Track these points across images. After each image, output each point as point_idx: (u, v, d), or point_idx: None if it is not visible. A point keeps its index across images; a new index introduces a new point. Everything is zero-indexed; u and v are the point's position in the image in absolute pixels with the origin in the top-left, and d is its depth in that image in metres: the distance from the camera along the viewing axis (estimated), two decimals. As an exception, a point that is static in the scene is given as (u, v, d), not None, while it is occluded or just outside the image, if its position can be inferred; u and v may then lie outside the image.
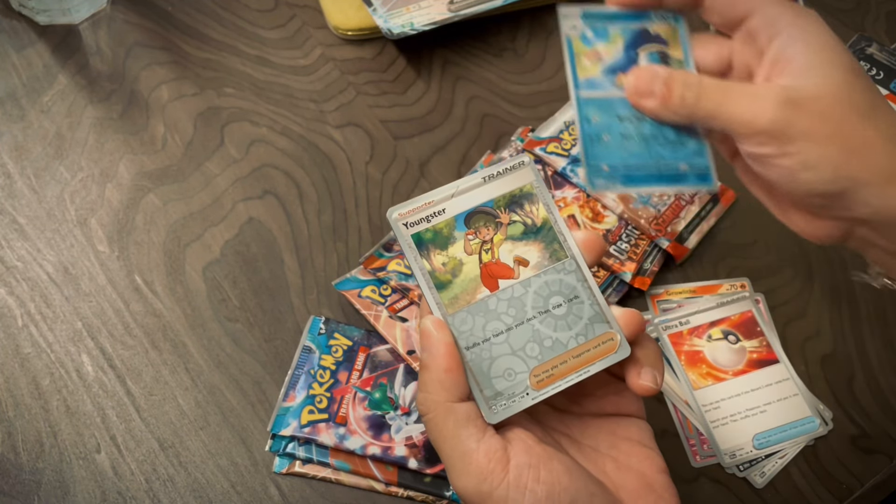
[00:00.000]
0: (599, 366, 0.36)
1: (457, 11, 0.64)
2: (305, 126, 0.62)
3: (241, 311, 0.54)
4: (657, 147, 0.38)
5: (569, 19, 0.39)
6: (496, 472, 0.33)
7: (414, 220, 0.36)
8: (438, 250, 0.36)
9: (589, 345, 0.36)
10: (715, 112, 0.36)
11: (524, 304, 0.36)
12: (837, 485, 0.50)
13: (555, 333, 0.36)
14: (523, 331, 0.36)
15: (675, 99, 0.37)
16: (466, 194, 0.37)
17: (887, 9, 0.72)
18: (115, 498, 0.47)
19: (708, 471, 0.50)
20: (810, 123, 0.34)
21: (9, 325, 0.52)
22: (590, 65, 0.39)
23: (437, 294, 0.36)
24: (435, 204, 0.36)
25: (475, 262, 0.36)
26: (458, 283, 0.36)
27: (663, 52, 0.39)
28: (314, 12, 0.67)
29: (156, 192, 0.58)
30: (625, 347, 0.36)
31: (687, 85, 0.37)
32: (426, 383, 0.35)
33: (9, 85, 0.61)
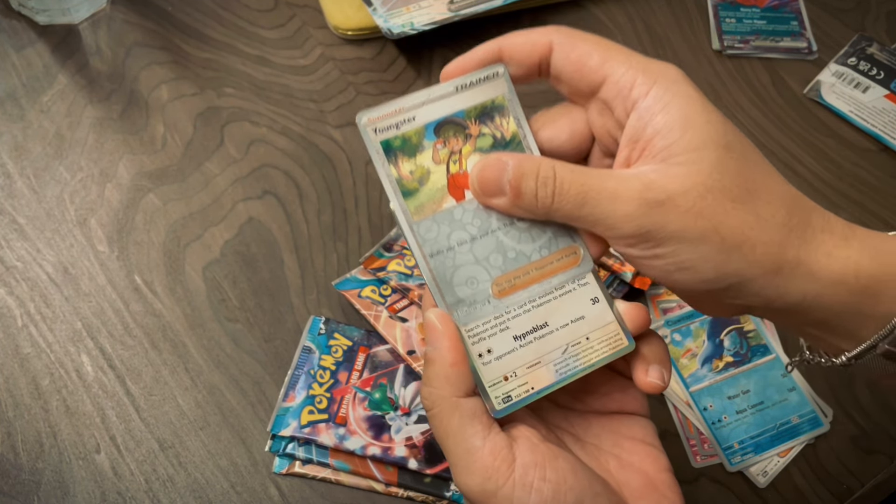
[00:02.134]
0: (604, 360, 0.36)
1: (457, 11, 0.64)
2: (305, 126, 0.62)
3: (240, 311, 0.54)
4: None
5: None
6: (501, 470, 0.32)
7: (383, 127, 0.35)
8: (406, 157, 0.35)
9: (552, 258, 0.36)
10: (574, 212, 0.32)
11: (489, 216, 0.35)
12: (837, 485, 0.50)
13: (518, 245, 0.36)
14: (487, 241, 0.35)
15: (527, 197, 0.33)
16: (437, 103, 0.36)
17: (887, 9, 0.72)
18: (114, 498, 0.47)
19: (708, 471, 0.50)
20: (680, 223, 0.30)
21: (9, 325, 0.52)
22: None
23: (404, 201, 0.35)
24: (405, 111, 0.35)
25: (443, 171, 0.36)
26: (424, 191, 0.35)
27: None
28: (314, 12, 0.67)
29: (156, 192, 0.58)
30: (630, 342, 0.36)
31: (542, 179, 0.32)
32: (431, 378, 0.34)
33: (9, 85, 0.61)
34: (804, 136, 0.64)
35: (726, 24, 0.70)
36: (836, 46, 0.69)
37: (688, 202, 0.30)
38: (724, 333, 0.45)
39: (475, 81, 0.36)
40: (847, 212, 0.61)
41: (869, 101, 0.66)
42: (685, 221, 0.30)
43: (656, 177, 0.30)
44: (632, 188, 0.31)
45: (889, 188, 0.63)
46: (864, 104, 0.66)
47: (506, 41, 0.35)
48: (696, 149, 0.30)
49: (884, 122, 0.65)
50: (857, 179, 0.63)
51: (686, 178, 0.30)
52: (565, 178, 0.32)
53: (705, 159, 0.30)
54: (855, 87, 0.67)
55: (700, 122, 0.31)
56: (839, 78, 0.67)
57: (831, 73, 0.68)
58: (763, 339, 0.54)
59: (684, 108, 0.31)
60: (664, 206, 0.30)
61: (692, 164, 0.30)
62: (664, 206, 0.30)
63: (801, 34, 0.70)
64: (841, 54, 0.69)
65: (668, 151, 0.31)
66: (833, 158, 0.64)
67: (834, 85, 0.67)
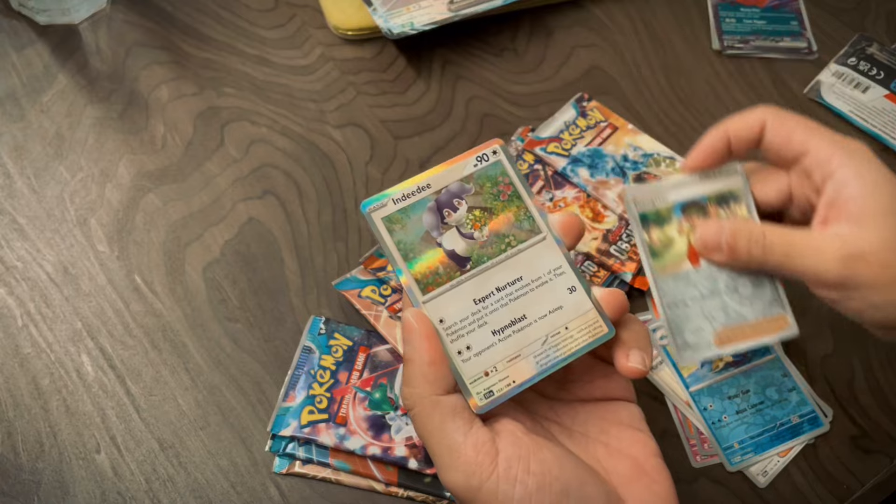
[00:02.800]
0: (584, 349, 0.36)
1: (457, 11, 0.64)
2: (305, 126, 0.62)
3: (241, 311, 0.54)
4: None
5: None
6: (485, 464, 0.33)
7: (642, 201, 0.44)
8: (657, 227, 0.44)
9: (765, 321, 0.43)
10: (781, 265, 0.39)
11: (717, 281, 0.43)
12: (837, 485, 0.50)
13: (739, 308, 0.43)
14: (714, 301, 0.43)
15: (741, 253, 0.40)
16: (686, 188, 0.44)
17: (887, 9, 0.72)
18: (114, 498, 0.47)
19: (708, 471, 0.50)
20: (872, 274, 0.37)
21: (9, 325, 0.52)
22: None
23: (651, 260, 0.43)
24: (661, 192, 0.43)
25: (684, 241, 0.43)
26: (668, 254, 0.43)
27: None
28: (314, 12, 0.67)
29: (156, 191, 0.58)
30: (609, 329, 0.36)
31: (752, 239, 0.40)
32: (410, 377, 0.34)
33: (8, 85, 0.61)
34: (804, 136, 0.64)
35: (726, 24, 0.70)
36: (836, 46, 0.69)
37: (880, 257, 0.37)
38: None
39: (716, 173, 0.44)
40: (847, 212, 0.61)
41: (869, 101, 0.66)
42: (875, 271, 0.37)
43: (851, 237, 0.38)
44: (832, 245, 0.38)
45: (889, 188, 0.63)
46: (864, 104, 0.66)
47: (731, 126, 0.42)
48: (884, 214, 0.37)
49: (884, 122, 0.65)
50: (857, 179, 0.63)
51: (876, 238, 0.37)
52: (773, 237, 0.40)
53: (890, 223, 0.37)
54: (855, 87, 0.67)
55: (886, 192, 0.38)
56: (839, 78, 0.67)
57: (831, 73, 0.68)
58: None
59: (873, 179, 0.38)
60: (860, 259, 0.37)
61: (881, 227, 0.37)
62: (860, 259, 0.37)
63: (801, 34, 0.70)
64: (841, 54, 0.69)
65: (860, 214, 0.38)
66: (833, 158, 0.64)
67: (834, 85, 0.67)
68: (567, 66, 0.67)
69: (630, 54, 0.68)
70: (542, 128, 0.61)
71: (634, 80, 0.66)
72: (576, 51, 0.67)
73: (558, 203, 0.57)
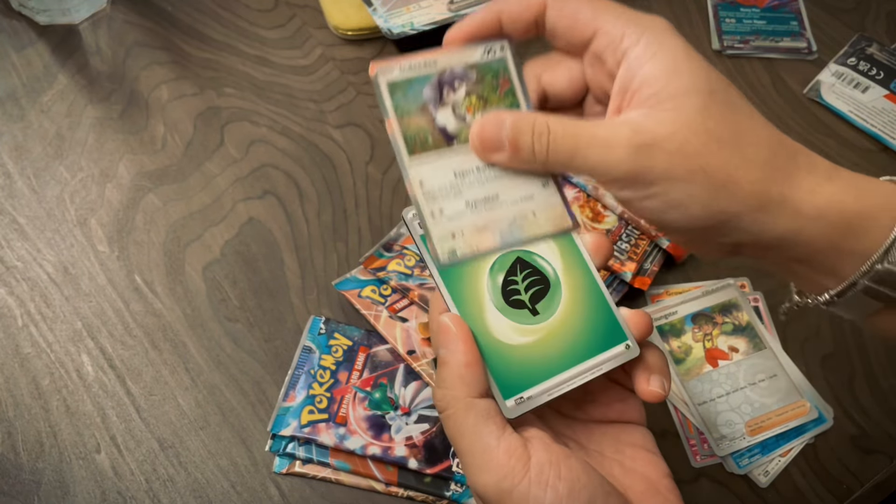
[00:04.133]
0: (613, 364, 0.36)
1: (457, 11, 0.64)
2: (305, 126, 0.62)
3: (241, 311, 0.54)
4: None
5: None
6: (517, 469, 0.33)
7: (657, 317, 0.54)
8: (674, 337, 0.54)
9: (787, 408, 0.52)
10: (568, 162, 0.34)
11: (737, 377, 0.52)
12: (837, 485, 0.50)
13: (760, 399, 0.52)
14: (737, 395, 0.52)
15: (524, 151, 0.35)
16: (692, 301, 0.55)
17: (887, 9, 0.72)
18: (115, 498, 0.47)
19: (708, 471, 0.50)
20: (668, 164, 0.32)
21: (9, 325, 0.52)
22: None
23: (676, 367, 0.53)
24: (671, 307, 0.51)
25: (700, 347, 0.54)
26: (689, 360, 0.53)
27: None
28: (314, 12, 0.67)
29: (156, 192, 0.58)
30: (635, 348, 0.37)
31: (536, 133, 0.34)
32: (445, 379, 0.34)
33: (9, 85, 0.61)
34: (804, 136, 0.64)
35: (726, 24, 0.70)
36: (836, 46, 0.69)
37: (674, 144, 0.32)
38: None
39: (718, 288, 0.56)
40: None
41: (869, 101, 0.66)
42: (673, 162, 0.32)
43: (644, 122, 0.32)
44: (621, 134, 0.32)
45: (889, 188, 0.63)
46: (863, 104, 0.66)
47: (503, 4, 0.36)
48: (682, 95, 0.32)
49: (883, 122, 0.65)
50: (856, 179, 0.63)
51: (672, 122, 0.32)
52: (558, 130, 0.34)
53: (690, 104, 0.32)
54: (855, 87, 0.67)
55: (685, 70, 0.32)
56: (839, 78, 0.67)
57: (831, 73, 0.68)
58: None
59: (671, 57, 0.33)
60: (652, 148, 0.32)
61: (678, 110, 0.32)
62: (652, 148, 0.32)
63: (800, 34, 0.70)
64: (841, 54, 0.69)
65: (656, 98, 0.32)
66: (833, 158, 0.64)
67: (834, 85, 0.67)
68: (567, 66, 0.66)
69: (630, 54, 0.68)
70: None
71: (634, 80, 0.66)
72: (576, 51, 0.67)
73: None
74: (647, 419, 0.40)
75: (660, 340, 0.53)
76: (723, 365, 0.53)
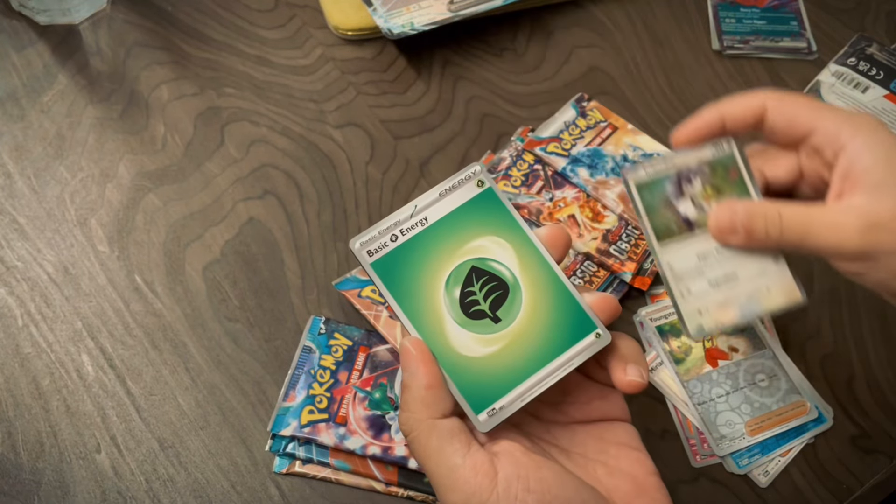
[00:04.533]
0: (585, 355, 0.36)
1: (457, 11, 0.64)
2: (305, 126, 0.62)
3: (241, 311, 0.54)
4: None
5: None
6: (484, 485, 0.33)
7: (656, 318, 0.54)
8: (674, 338, 0.54)
9: (787, 408, 0.52)
10: (801, 242, 0.38)
11: (737, 377, 0.52)
12: (837, 485, 0.50)
13: (760, 399, 0.51)
14: (737, 395, 0.52)
15: (758, 234, 0.39)
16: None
17: (887, 9, 0.72)
18: (115, 498, 0.47)
19: (708, 471, 0.50)
20: (893, 241, 0.36)
21: (9, 325, 0.52)
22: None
23: (676, 366, 0.52)
24: (672, 306, 0.46)
25: (700, 347, 0.54)
26: (689, 360, 0.53)
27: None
28: (314, 12, 0.67)
29: (156, 192, 0.58)
30: (606, 335, 0.37)
31: (768, 219, 0.39)
32: (407, 402, 0.35)
33: (9, 85, 0.61)
34: (804, 136, 0.64)
35: (726, 24, 0.70)
36: (836, 46, 0.69)
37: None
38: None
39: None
40: (847, 212, 0.61)
41: (869, 101, 0.66)
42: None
43: (869, 206, 0.37)
44: (849, 217, 0.37)
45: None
46: (863, 104, 0.66)
47: (726, 108, 0.41)
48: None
49: (884, 122, 0.65)
50: (856, 179, 0.63)
51: (893, 205, 0.36)
52: (789, 215, 0.39)
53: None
54: (855, 87, 0.67)
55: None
56: (839, 78, 0.67)
57: (831, 74, 0.68)
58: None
59: (885, 150, 0.37)
60: (880, 228, 0.36)
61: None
62: (880, 228, 0.36)
63: (800, 34, 0.70)
64: (841, 54, 0.69)
65: (876, 184, 0.37)
66: (833, 158, 0.64)
67: (834, 85, 0.67)
68: (567, 66, 0.67)
69: (630, 54, 0.68)
70: (542, 128, 0.61)
71: (634, 80, 0.66)
72: (576, 51, 0.67)
73: (558, 203, 0.57)
74: (645, 419, 0.40)
75: (659, 340, 0.53)
76: (723, 365, 0.53)
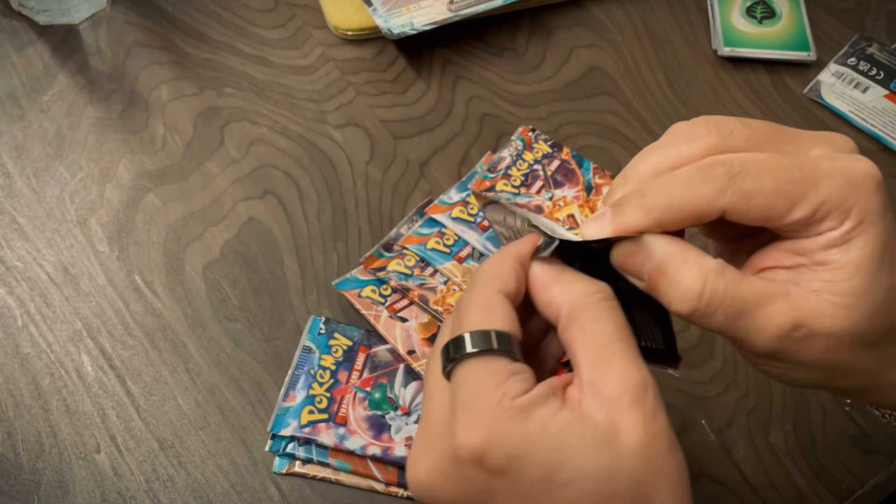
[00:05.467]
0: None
1: (457, 11, 0.64)
2: (305, 126, 0.62)
3: (241, 311, 0.54)
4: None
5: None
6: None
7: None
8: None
9: None
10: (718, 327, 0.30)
11: None
12: (837, 485, 0.50)
13: None
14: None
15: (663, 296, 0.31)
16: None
17: (887, 9, 0.72)
18: (114, 498, 0.47)
19: (708, 471, 0.50)
20: (810, 357, 0.30)
21: (9, 325, 0.52)
22: None
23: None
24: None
25: None
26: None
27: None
28: (314, 12, 0.67)
29: (156, 191, 0.58)
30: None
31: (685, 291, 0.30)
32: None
33: (8, 85, 0.61)
34: (804, 136, 0.64)
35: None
36: (836, 46, 0.69)
37: (827, 343, 0.30)
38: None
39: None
40: (847, 212, 0.61)
41: (869, 101, 0.66)
42: (815, 356, 0.30)
43: (808, 316, 0.29)
44: (782, 327, 0.29)
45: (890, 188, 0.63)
46: (864, 104, 0.66)
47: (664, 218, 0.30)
48: (858, 295, 0.29)
49: (884, 122, 0.65)
50: (857, 179, 0.63)
51: (835, 323, 0.29)
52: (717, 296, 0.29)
53: (862, 307, 0.29)
54: (855, 87, 0.67)
55: (874, 268, 0.29)
56: (839, 78, 0.67)
57: (831, 74, 0.68)
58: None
59: (866, 249, 0.29)
60: (803, 342, 0.30)
61: (847, 310, 0.29)
62: (803, 342, 0.30)
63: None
64: (841, 54, 0.69)
65: (829, 287, 0.29)
66: (833, 158, 0.64)
67: (834, 85, 0.67)
68: (567, 66, 0.67)
69: (630, 54, 0.68)
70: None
71: (634, 80, 0.66)
72: (576, 51, 0.67)
73: (557, 202, 0.57)
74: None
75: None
76: None
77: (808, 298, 0.29)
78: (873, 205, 0.29)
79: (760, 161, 0.29)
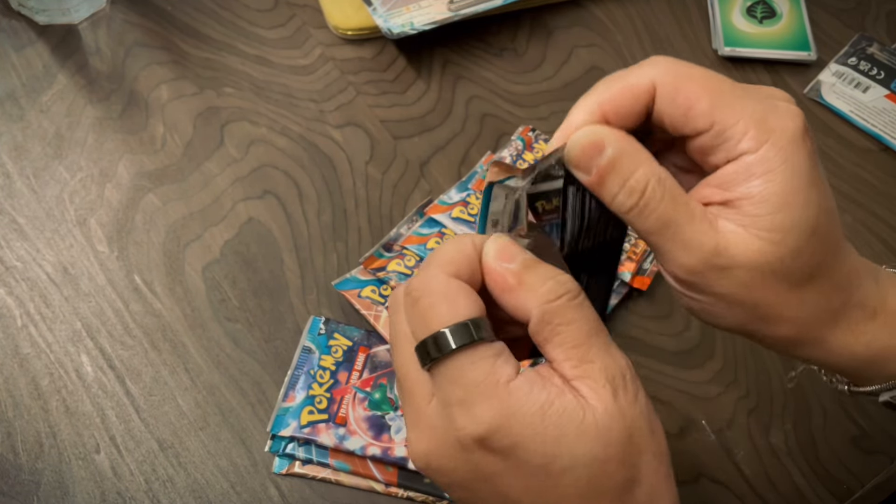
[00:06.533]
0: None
1: (457, 11, 0.64)
2: (305, 126, 0.62)
3: (240, 311, 0.54)
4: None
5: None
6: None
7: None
8: None
9: None
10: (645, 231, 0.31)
11: None
12: (837, 485, 0.50)
13: None
14: None
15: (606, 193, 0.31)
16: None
17: (887, 9, 0.72)
18: (114, 498, 0.47)
19: (708, 471, 0.50)
20: (729, 289, 0.30)
21: (8, 326, 0.52)
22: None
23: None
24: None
25: None
26: None
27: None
28: (314, 12, 0.67)
29: (155, 191, 0.58)
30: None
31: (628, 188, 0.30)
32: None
33: (8, 85, 0.61)
34: (804, 136, 0.64)
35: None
36: (837, 46, 0.69)
37: (748, 277, 0.30)
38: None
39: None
40: (848, 213, 0.61)
41: (869, 101, 0.66)
42: (735, 289, 0.30)
43: (731, 245, 0.30)
44: (704, 247, 0.30)
45: (890, 188, 0.63)
46: (864, 104, 0.66)
47: (604, 96, 0.32)
48: (782, 230, 0.29)
49: (884, 122, 0.65)
50: (857, 180, 0.63)
51: (759, 257, 0.29)
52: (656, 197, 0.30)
53: (786, 243, 0.29)
54: (855, 87, 0.67)
55: (798, 203, 0.29)
56: (839, 78, 0.67)
57: (831, 73, 0.68)
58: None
59: (789, 181, 0.29)
60: (724, 271, 0.30)
61: (771, 245, 0.29)
62: (724, 271, 0.30)
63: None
64: (841, 54, 0.69)
65: (754, 222, 0.29)
66: (833, 159, 0.64)
67: (834, 85, 0.67)
68: (567, 66, 0.67)
69: (630, 54, 0.68)
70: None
71: (634, 80, 0.66)
72: (576, 51, 0.67)
73: (558, 203, 0.57)
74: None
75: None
76: None
77: (733, 231, 0.30)
78: (795, 138, 0.29)
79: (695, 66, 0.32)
